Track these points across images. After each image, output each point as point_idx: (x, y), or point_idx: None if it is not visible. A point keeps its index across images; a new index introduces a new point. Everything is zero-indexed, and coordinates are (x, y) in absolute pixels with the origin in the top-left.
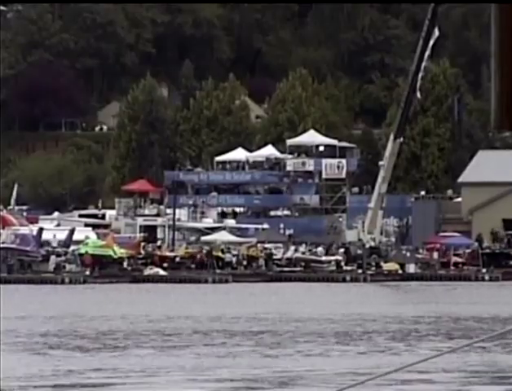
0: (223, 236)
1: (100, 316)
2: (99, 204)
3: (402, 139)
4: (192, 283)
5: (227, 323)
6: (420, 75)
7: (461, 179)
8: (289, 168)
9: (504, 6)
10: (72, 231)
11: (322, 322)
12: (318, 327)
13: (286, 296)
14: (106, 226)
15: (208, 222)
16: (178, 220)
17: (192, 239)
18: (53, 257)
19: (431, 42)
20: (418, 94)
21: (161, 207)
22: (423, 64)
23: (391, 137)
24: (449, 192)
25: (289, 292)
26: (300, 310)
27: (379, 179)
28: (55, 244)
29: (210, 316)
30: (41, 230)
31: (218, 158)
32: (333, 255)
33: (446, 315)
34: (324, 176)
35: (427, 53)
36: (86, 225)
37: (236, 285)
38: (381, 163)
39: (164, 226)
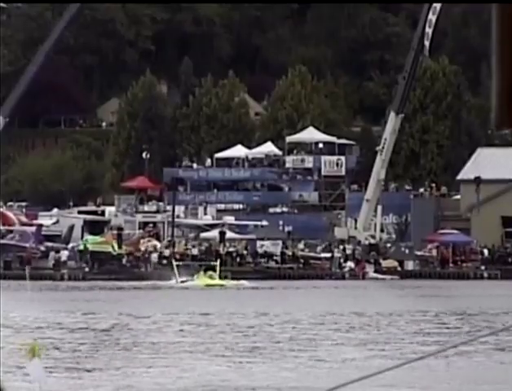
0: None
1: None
2: (99, 201)
3: (403, 115)
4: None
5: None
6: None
7: (460, 177)
8: (288, 165)
9: (504, 5)
10: (71, 228)
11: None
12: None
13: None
14: (105, 223)
15: (207, 219)
16: (178, 217)
17: (191, 235)
18: (52, 254)
19: (434, 18)
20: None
21: (161, 204)
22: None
23: (392, 113)
24: (444, 189)
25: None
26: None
27: (377, 164)
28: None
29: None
30: (40, 226)
31: (218, 155)
32: (331, 252)
33: (446, 311)
34: (323, 173)
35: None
36: (86, 221)
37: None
38: (378, 148)
39: (163, 223)
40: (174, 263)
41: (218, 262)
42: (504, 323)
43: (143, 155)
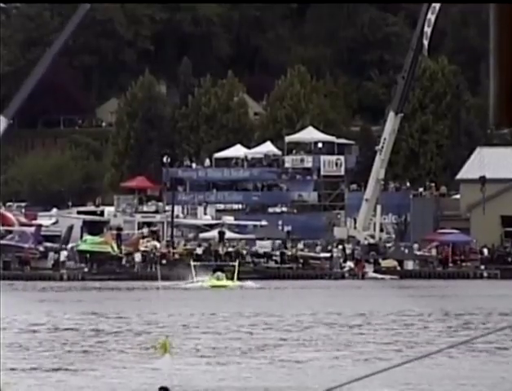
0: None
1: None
2: (98, 201)
3: (402, 114)
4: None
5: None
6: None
7: (459, 176)
8: (287, 165)
9: (503, 6)
10: (71, 228)
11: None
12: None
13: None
14: (104, 223)
15: (206, 219)
16: (177, 217)
17: (191, 235)
18: (51, 254)
19: (433, 18)
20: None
21: (160, 204)
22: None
23: (391, 113)
24: (443, 189)
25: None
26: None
27: (376, 163)
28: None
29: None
30: (39, 226)
31: (217, 155)
32: (330, 252)
33: (446, 311)
34: (322, 173)
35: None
36: (85, 221)
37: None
38: (377, 147)
39: (162, 223)
40: (192, 263)
41: (236, 263)
42: (504, 323)
43: (164, 159)
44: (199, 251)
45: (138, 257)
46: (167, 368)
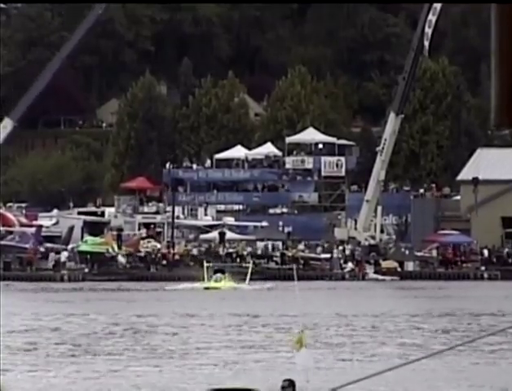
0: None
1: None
2: (98, 202)
3: (403, 115)
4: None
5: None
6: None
7: (459, 177)
8: (288, 165)
9: (504, 6)
10: (71, 229)
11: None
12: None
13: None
14: (105, 224)
15: (207, 220)
16: (178, 217)
17: (191, 236)
18: (52, 254)
19: (434, 19)
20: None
21: (160, 204)
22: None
23: (392, 114)
24: (446, 190)
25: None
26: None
27: (377, 164)
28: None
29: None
30: (40, 227)
31: (218, 156)
32: (330, 253)
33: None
34: (323, 174)
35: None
36: (85, 222)
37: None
38: (378, 148)
39: (163, 224)
40: (205, 264)
41: (250, 264)
42: (503, 324)
43: (167, 165)
44: (194, 251)
45: (121, 257)
46: (305, 363)
